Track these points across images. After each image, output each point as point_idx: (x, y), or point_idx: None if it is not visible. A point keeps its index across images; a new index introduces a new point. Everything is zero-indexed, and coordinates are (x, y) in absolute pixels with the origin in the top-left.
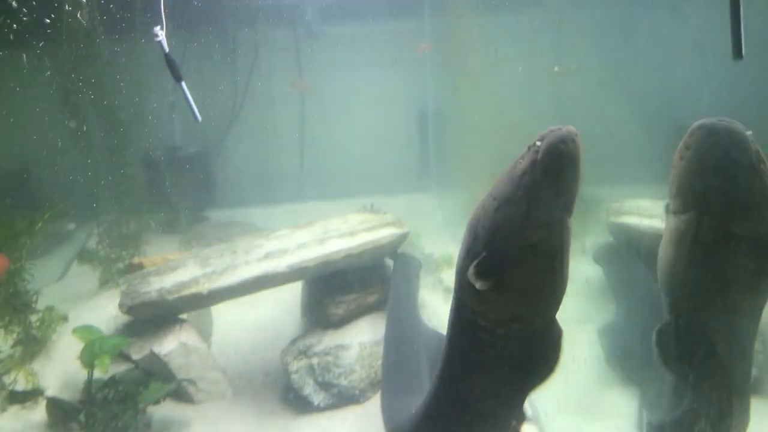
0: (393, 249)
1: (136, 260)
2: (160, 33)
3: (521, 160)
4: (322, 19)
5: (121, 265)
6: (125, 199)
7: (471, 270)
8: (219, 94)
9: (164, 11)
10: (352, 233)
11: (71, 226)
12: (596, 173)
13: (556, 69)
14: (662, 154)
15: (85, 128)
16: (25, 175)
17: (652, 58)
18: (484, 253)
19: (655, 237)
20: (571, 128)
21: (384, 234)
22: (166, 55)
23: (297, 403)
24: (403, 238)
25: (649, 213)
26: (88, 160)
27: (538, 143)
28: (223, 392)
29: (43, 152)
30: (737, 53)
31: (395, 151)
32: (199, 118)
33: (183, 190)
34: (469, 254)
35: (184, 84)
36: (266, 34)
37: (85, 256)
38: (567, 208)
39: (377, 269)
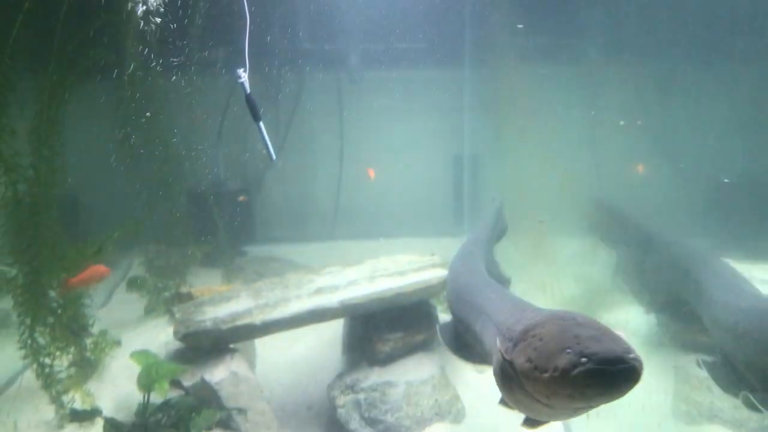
0: (441, 290)
1: (184, 289)
2: (243, 75)
3: (564, 354)
4: (363, 65)
5: (167, 294)
6: (171, 231)
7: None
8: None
9: (247, 55)
10: (401, 273)
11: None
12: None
13: (621, 123)
14: (698, 208)
15: (135, 161)
16: (76, 205)
17: (688, 114)
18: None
19: None
20: (623, 344)
21: (432, 275)
22: (248, 96)
23: None
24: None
25: None
26: (138, 192)
27: (584, 359)
28: (268, 423)
29: (95, 183)
30: None
31: (429, 194)
32: (274, 156)
33: (225, 224)
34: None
35: (261, 124)
36: (310, 76)
37: (134, 283)
38: None
39: (423, 309)
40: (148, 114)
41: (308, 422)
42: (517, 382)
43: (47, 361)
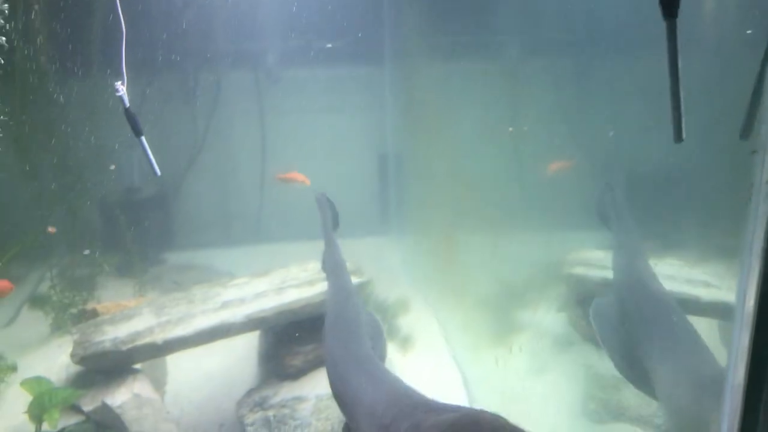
0: None
1: (89, 306)
2: (121, 88)
3: None
4: (282, 64)
5: (74, 311)
6: (78, 242)
7: None
8: (179, 135)
9: (125, 67)
10: (311, 282)
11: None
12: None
13: (510, 129)
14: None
15: (35, 169)
16: None
17: (604, 106)
18: None
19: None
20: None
21: None
22: (126, 110)
23: None
24: (363, 286)
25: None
26: (39, 202)
27: None
28: None
29: None
30: (677, 136)
31: (355, 194)
32: (158, 172)
33: (140, 232)
34: None
35: (143, 139)
36: (227, 76)
37: (36, 302)
38: None
39: None
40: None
41: None
42: None
43: None
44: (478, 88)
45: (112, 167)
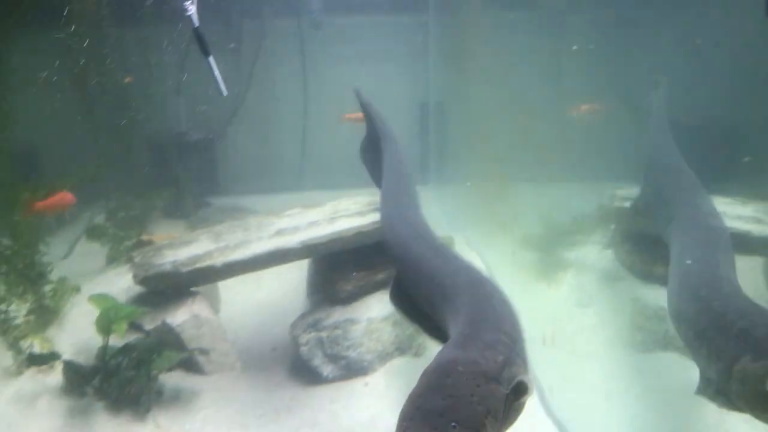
0: None
1: (145, 237)
2: (191, 7)
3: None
4: (326, 10)
5: (128, 243)
6: (132, 181)
7: None
8: (224, 82)
9: None
10: (361, 213)
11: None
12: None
13: (575, 47)
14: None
15: (92, 110)
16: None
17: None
18: None
19: None
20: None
21: None
22: (196, 29)
23: (305, 375)
24: None
25: None
26: (95, 141)
27: None
28: (232, 364)
29: (51, 134)
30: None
31: None
32: (225, 92)
33: (188, 175)
34: None
35: (211, 59)
36: (271, 23)
37: (94, 232)
38: None
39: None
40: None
41: (273, 362)
42: None
43: (3, 307)
44: (526, 37)
45: (201, 108)
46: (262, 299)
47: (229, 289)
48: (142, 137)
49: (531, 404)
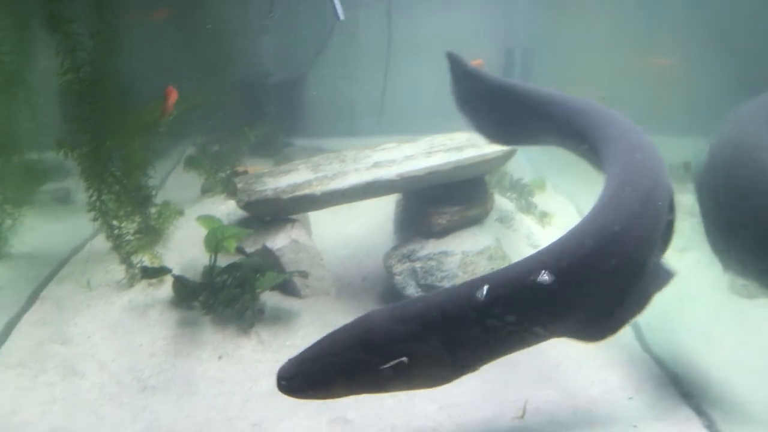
0: (499, 165)
1: (240, 168)
2: None
3: None
4: None
5: (222, 175)
6: (222, 118)
7: None
8: (307, 26)
9: None
10: (458, 148)
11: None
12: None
13: None
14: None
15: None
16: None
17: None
18: None
19: None
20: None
21: (491, 150)
22: None
23: None
24: (510, 154)
25: None
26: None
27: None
28: (327, 289)
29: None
30: None
31: None
32: (341, 16)
33: (279, 113)
34: None
35: None
36: None
37: (191, 162)
38: None
39: (479, 185)
40: None
41: (364, 290)
42: None
43: (116, 223)
44: None
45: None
46: (351, 233)
47: (318, 222)
48: (234, 75)
49: (628, 338)
